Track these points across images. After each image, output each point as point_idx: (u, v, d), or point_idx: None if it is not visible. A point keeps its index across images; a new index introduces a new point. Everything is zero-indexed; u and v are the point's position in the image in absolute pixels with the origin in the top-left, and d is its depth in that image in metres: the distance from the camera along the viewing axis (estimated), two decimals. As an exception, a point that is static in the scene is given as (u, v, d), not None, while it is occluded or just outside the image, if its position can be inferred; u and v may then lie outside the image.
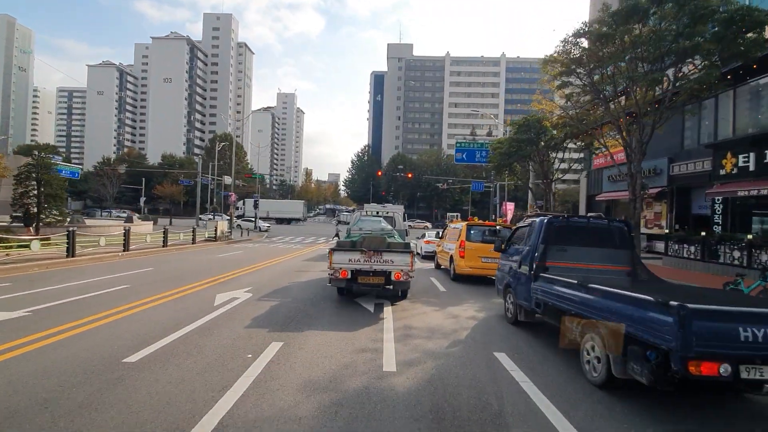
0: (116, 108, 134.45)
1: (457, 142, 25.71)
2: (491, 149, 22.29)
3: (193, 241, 23.57)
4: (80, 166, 33.06)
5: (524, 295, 6.39)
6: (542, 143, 20.16)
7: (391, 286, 8.66)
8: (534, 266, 6.13)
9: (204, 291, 9.14)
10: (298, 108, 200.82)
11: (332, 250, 8.74)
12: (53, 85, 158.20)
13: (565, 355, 5.40)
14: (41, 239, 16.07)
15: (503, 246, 7.82)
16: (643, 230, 22.85)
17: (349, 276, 8.50)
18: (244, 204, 56.83)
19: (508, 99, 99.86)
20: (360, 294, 9.33)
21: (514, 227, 7.62)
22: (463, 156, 25.32)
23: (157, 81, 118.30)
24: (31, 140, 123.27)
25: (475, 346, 5.69)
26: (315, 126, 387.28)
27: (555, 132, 18.38)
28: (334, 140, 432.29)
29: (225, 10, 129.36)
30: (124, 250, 17.36)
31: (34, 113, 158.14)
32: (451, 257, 12.72)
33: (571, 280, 4.99)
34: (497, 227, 12.10)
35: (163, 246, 20.38)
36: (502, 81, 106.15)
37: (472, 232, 12.07)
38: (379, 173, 48.81)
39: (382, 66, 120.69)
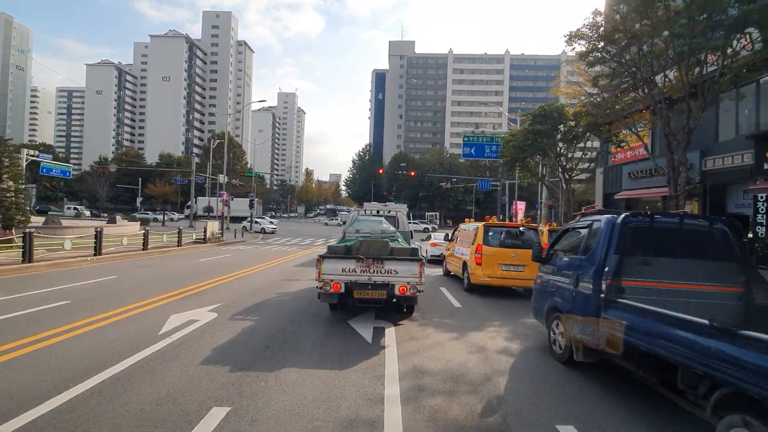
0: (115, 108, 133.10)
1: (465, 136, 23.67)
2: (503, 143, 20.31)
3: (179, 243, 21.72)
4: (70, 165, 31.22)
5: (586, 326, 4.46)
6: (559, 135, 18.19)
7: (394, 300, 6.86)
8: (604, 287, 4.20)
9: (158, 310, 7.23)
10: (299, 108, 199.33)
11: (321, 258, 6.91)
12: (54, 85, 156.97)
13: (674, 426, 3.47)
14: (-4, 242, 14.23)
15: (544, 254, 5.89)
16: (670, 231, 20.90)
17: (343, 290, 6.77)
18: (196, 202, 55.68)
19: (512, 97, 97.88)
20: (356, 309, 7.44)
21: (562, 228, 5.67)
22: (471, 151, 23.31)
23: (156, 80, 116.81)
24: (30, 140, 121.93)
25: (524, 410, 3.75)
26: (316, 126, 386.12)
27: (573, 123, 16.36)
28: (335, 141, 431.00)
29: (225, 9, 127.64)
30: (94, 254, 15.53)
31: (33, 113, 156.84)
32: (465, 264, 10.79)
33: (697, 320, 3.05)
34: (520, 228, 10.16)
35: (143, 249, 18.51)
36: (506, 78, 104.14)
37: (490, 234, 10.13)
38: (381, 171, 46.86)
39: (383, 66, 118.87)
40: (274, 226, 40.92)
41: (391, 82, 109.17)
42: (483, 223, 10.42)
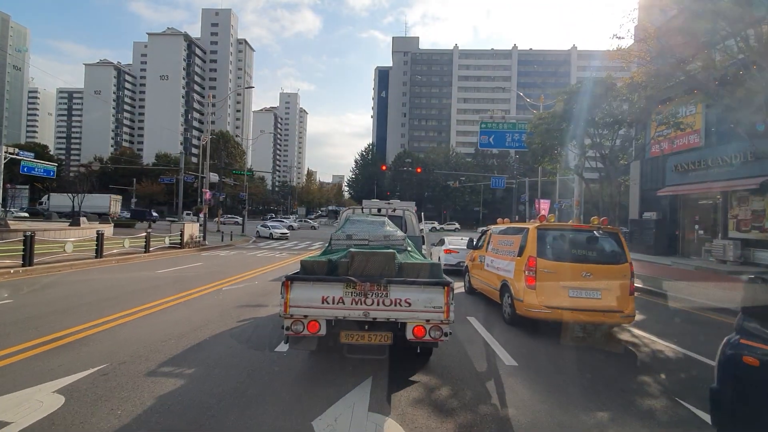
0: (114, 108, 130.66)
1: (482, 122, 20.17)
2: (530, 127, 16.87)
3: (146, 249, 18.45)
4: (54, 165, 28.03)
5: None
6: (598, 116, 14.73)
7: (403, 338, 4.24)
8: None
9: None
10: (301, 108, 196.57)
11: (289, 281, 4.26)
12: (55, 87, 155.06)
13: None
14: None
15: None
16: (734, 234, 17.38)
17: (324, 331, 4.24)
18: (49, 199, 52.97)
19: (519, 93, 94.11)
20: (337, 372, 4.17)
21: None
22: (490, 140, 19.80)
23: (154, 79, 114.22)
24: (29, 141, 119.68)
25: None
26: (319, 127, 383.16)
27: (633, 96, 12.81)
28: (339, 142, 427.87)
29: (219, 7, 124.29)
30: (23, 266, 12.30)
31: (33, 115, 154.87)
32: (506, 284, 7.38)
33: None
34: (594, 232, 6.74)
35: (96, 257, 15.28)
36: (514, 75, 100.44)
37: (549, 240, 6.72)
38: (384, 167, 43.58)
39: (385, 64, 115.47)
40: (285, 231, 34.68)
41: (394, 79, 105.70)
42: (536, 224, 6.99)
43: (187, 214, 48.43)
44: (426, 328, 4.20)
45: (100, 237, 15.73)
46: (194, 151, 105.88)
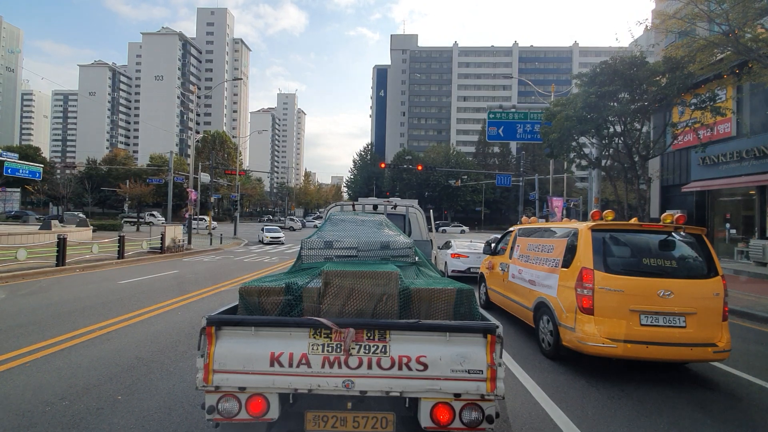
0: (109, 109, 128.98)
1: (490, 111, 18.17)
2: (545, 117, 15.04)
3: (120, 255, 16.61)
4: (40, 166, 26.23)
5: None
6: (625, 100, 12.90)
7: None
8: None
9: None
10: (299, 109, 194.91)
11: (213, 326, 2.40)
12: (50, 90, 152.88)
13: None
14: None
15: None
16: (775, 233, 15.59)
17: (276, 413, 2.39)
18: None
19: (521, 91, 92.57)
20: None
21: None
22: (499, 131, 17.89)
23: (149, 79, 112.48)
24: (22, 143, 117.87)
25: None
26: (312, 128, 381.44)
27: (692, 66, 10.77)
28: (332, 143, 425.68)
29: (213, 6, 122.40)
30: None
31: (29, 117, 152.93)
32: (543, 304, 5.57)
33: None
34: (672, 234, 4.92)
35: (58, 265, 13.47)
36: (515, 72, 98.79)
37: (609, 246, 4.91)
38: (383, 165, 41.88)
39: (383, 62, 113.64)
40: (278, 235, 31.25)
41: (393, 77, 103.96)
42: (590, 223, 5.16)
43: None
44: (454, 407, 2.43)
45: (61, 243, 13.89)
46: (189, 152, 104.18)
